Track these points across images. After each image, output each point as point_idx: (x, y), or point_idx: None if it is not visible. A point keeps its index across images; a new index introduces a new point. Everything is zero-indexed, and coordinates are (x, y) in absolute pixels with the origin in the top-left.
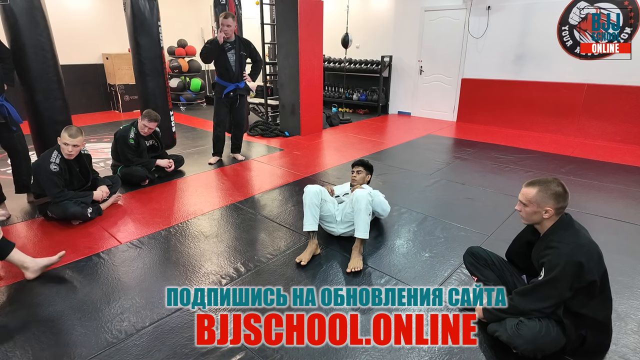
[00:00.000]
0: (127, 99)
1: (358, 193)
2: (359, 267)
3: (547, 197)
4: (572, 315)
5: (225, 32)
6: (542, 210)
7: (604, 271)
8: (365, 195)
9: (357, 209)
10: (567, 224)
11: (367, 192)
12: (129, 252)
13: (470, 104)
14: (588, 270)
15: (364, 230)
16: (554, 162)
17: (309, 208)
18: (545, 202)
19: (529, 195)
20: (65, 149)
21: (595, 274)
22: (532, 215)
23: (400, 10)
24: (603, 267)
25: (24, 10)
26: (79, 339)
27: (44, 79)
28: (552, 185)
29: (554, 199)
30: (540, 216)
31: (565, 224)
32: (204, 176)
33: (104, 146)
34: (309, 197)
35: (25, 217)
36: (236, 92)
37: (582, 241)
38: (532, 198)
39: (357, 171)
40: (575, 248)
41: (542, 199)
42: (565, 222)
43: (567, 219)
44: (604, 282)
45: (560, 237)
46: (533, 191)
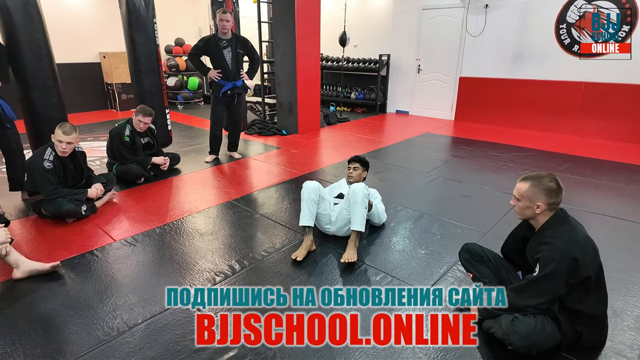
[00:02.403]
0: (124, 97)
1: (355, 186)
2: (353, 259)
3: (538, 192)
4: (568, 311)
5: (223, 27)
6: (534, 205)
7: (599, 266)
8: (361, 189)
9: (353, 201)
10: (562, 220)
11: (363, 186)
12: (122, 249)
13: (468, 102)
14: (583, 266)
15: (360, 223)
16: (552, 160)
17: (307, 203)
18: (537, 197)
19: (521, 190)
20: (59, 147)
21: (590, 269)
22: (525, 210)
23: (398, 8)
24: (598, 263)
25: (19, 7)
26: (71, 336)
27: (39, 76)
28: (545, 181)
29: (545, 194)
30: (533, 211)
31: (560, 219)
32: (200, 174)
33: (100, 144)
34: (307, 192)
35: (19, 215)
36: (234, 91)
37: (577, 237)
38: (524, 193)
39: (354, 167)
40: (570, 243)
41: (534, 193)
42: (560, 218)
43: (562, 215)
44: (600, 278)
45: (555, 233)
46: (525, 186)
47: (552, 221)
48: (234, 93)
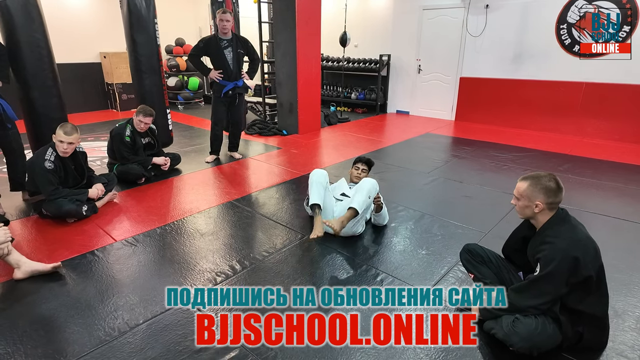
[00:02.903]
0: (125, 97)
1: (366, 178)
2: (336, 229)
3: (537, 191)
4: (569, 312)
5: (223, 27)
6: (533, 204)
7: (600, 266)
8: (373, 182)
9: (360, 187)
10: (563, 219)
11: (375, 181)
12: (123, 249)
13: (469, 102)
14: (584, 265)
15: (357, 204)
16: (552, 160)
17: (315, 185)
18: (535, 196)
19: (520, 189)
20: (60, 147)
21: (591, 269)
22: (524, 209)
23: (398, 8)
24: (599, 263)
25: (19, 7)
26: (72, 336)
27: (39, 76)
28: (544, 180)
29: (543, 194)
30: (532, 210)
31: (560, 219)
32: (200, 174)
33: (101, 145)
34: (317, 176)
35: (20, 215)
36: (235, 91)
37: (578, 236)
38: (523, 192)
39: (362, 170)
40: (571, 243)
41: (532, 193)
42: (560, 218)
43: (563, 215)
44: (600, 278)
45: (556, 232)
46: (524, 185)
47: (553, 221)
48: (235, 93)
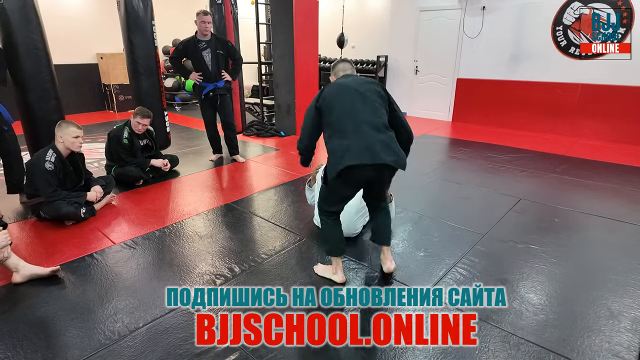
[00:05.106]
0: (122, 98)
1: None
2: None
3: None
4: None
5: (204, 29)
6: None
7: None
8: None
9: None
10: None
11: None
12: (122, 252)
13: (466, 104)
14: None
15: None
16: (549, 161)
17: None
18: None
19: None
20: (76, 142)
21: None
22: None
23: (395, 10)
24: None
25: (17, 8)
26: (72, 340)
27: (37, 78)
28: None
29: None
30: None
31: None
32: (199, 176)
33: (98, 146)
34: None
35: (18, 218)
36: (216, 92)
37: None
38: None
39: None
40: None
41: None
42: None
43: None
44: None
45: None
46: None
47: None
48: (216, 94)
